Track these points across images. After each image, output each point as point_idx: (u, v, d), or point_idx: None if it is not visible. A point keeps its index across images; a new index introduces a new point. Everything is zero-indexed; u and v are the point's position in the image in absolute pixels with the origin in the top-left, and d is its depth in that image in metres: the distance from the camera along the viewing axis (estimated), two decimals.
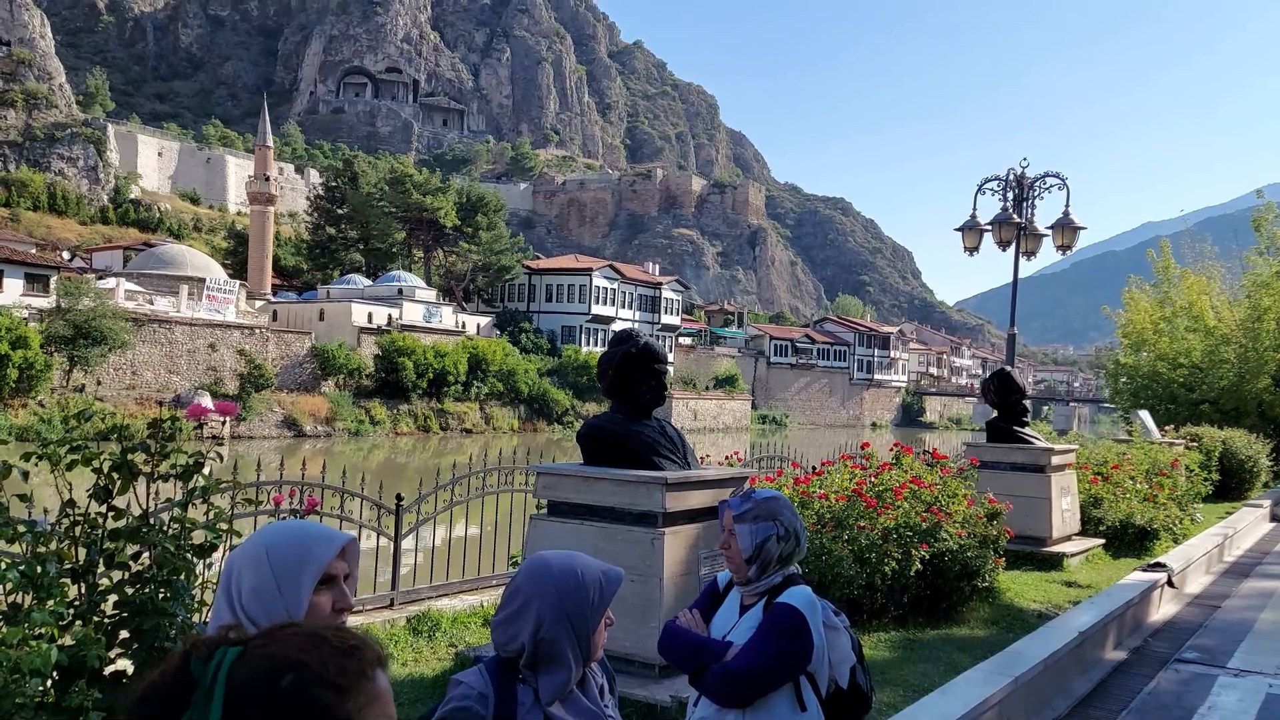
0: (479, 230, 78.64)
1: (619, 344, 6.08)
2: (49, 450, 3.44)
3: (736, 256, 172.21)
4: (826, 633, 2.99)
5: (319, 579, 1.96)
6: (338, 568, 1.99)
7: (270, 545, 2.00)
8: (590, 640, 2.30)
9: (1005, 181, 15.13)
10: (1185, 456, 16.25)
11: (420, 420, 59.13)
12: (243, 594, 1.96)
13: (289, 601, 1.92)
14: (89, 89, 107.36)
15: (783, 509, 3.14)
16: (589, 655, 2.32)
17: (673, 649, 3.17)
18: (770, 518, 3.09)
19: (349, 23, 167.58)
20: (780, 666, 2.93)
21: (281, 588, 1.93)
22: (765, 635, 2.97)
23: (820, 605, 3.03)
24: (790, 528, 3.11)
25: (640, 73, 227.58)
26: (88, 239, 75.84)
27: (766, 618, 3.01)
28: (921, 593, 8.18)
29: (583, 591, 2.30)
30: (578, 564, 2.36)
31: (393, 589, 8.17)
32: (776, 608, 3.01)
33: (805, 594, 3.03)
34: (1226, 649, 8.43)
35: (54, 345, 42.96)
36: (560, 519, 6.15)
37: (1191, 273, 27.89)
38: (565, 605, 2.29)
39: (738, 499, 3.18)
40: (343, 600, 1.99)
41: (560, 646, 2.28)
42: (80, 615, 3.30)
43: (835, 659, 3.01)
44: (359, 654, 1.35)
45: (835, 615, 3.08)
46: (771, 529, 3.08)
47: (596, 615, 2.30)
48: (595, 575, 2.33)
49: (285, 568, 1.95)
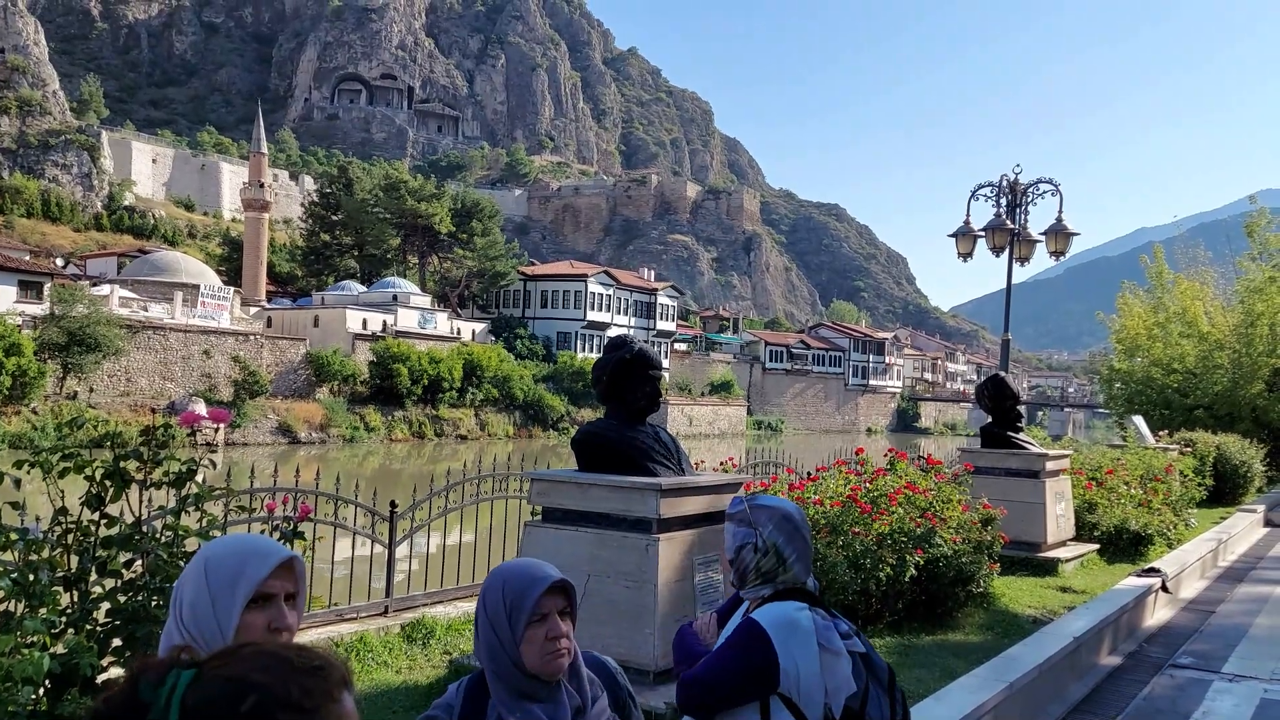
0: (474, 236, 78.63)
1: (614, 350, 6.07)
2: (41, 458, 3.43)
3: (731, 262, 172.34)
4: (824, 657, 2.76)
5: (250, 597, 1.87)
6: (274, 586, 1.90)
7: (209, 559, 1.93)
8: (519, 650, 2.19)
9: (999, 187, 15.16)
10: (1179, 462, 16.26)
11: (415, 427, 59.04)
12: (183, 610, 1.90)
13: (220, 620, 1.85)
14: (83, 96, 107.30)
15: (767, 521, 2.95)
16: (523, 667, 2.20)
17: (674, 650, 3.17)
18: (750, 525, 2.95)
19: (343, 29, 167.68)
20: (732, 684, 2.79)
21: (215, 604, 1.86)
22: (723, 648, 2.87)
23: (827, 625, 2.82)
24: (770, 543, 2.91)
25: (635, 79, 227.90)
26: (82, 246, 75.70)
27: (733, 631, 2.90)
28: (916, 598, 8.18)
29: (498, 598, 2.24)
30: (505, 571, 2.29)
31: (387, 596, 8.14)
32: (744, 622, 2.88)
33: (781, 612, 2.83)
34: (1221, 654, 8.44)
35: (48, 352, 42.84)
36: (555, 525, 6.14)
37: (1185, 278, 27.96)
38: (489, 613, 2.25)
39: (739, 498, 3.08)
40: (279, 620, 1.89)
41: (495, 657, 2.23)
42: (73, 623, 3.29)
43: (831, 686, 2.77)
44: (324, 675, 1.28)
45: (844, 639, 2.83)
46: (749, 537, 2.94)
47: (515, 623, 2.20)
48: (519, 579, 2.24)
49: (219, 584, 1.87)
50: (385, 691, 6.00)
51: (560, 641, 2.21)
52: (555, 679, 2.23)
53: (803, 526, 3.00)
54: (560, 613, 2.24)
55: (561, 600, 2.25)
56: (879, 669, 2.91)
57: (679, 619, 5.83)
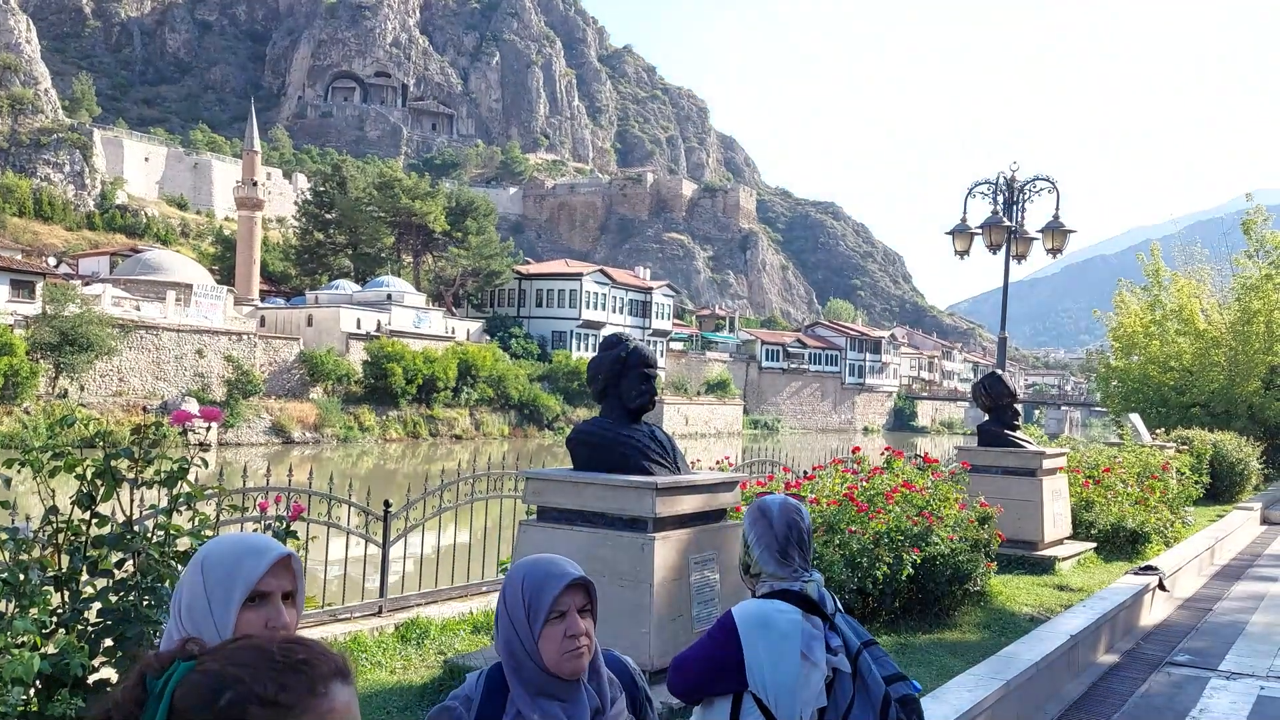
0: (468, 235, 78.52)
1: (609, 349, 6.05)
2: (31, 457, 3.40)
3: (727, 260, 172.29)
4: (804, 666, 2.73)
5: (247, 596, 1.87)
6: (270, 584, 1.89)
7: (206, 559, 1.93)
8: (537, 647, 2.18)
9: (995, 185, 15.15)
10: (1176, 460, 16.28)
11: (409, 426, 58.96)
12: (182, 611, 1.90)
13: (218, 619, 1.85)
14: (75, 94, 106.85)
15: (747, 515, 3.01)
16: (541, 664, 2.19)
17: None
18: (747, 521, 3.02)
19: (337, 27, 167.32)
20: (698, 670, 2.81)
21: (212, 604, 1.87)
22: (700, 638, 2.92)
23: (814, 635, 2.78)
24: (744, 535, 2.98)
25: (630, 77, 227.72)
26: (74, 245, 75.53)
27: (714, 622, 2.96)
28: (913, 597, 8.16)
29: (517, 593, 2.22)
30: (525, 567, 2.27)
31: (381, 596, 8.10)
32: (722, 615, 2.92)
33: (757, 608, 2.83)
34: (1218, 652, 8.44)
35: (40, 352, 42.75)
36: (550, 525, 6.12)
37: (1182, 276, 27.99)
38: (509, 609, 2.24)
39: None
40: (277, 619, 1.89)
41: (514, 654, 2.21)
42: (63, 623, 3.26)
43: (803, 696, 2.73)
44: (307, 669, 1.28)
45: (832, 654, 2.78)
46: (747, 532, 3.01)
47: (534, 620, 2.18)
48: (538, 575, 2.22)
49: (216, 584, 1.88)
50: (379, 692, 5.97)
51: (580, 640, 2.18)
52: (574, 678, 2.20)
53: (774, 515, 2.97)
54: (581, 610, 2.21)
55: (582, 598, 2.22)
56: (874, 693, 2.80)
57: (675, 618, 5.81)
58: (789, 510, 3.00)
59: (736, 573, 6.43)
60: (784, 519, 2.97)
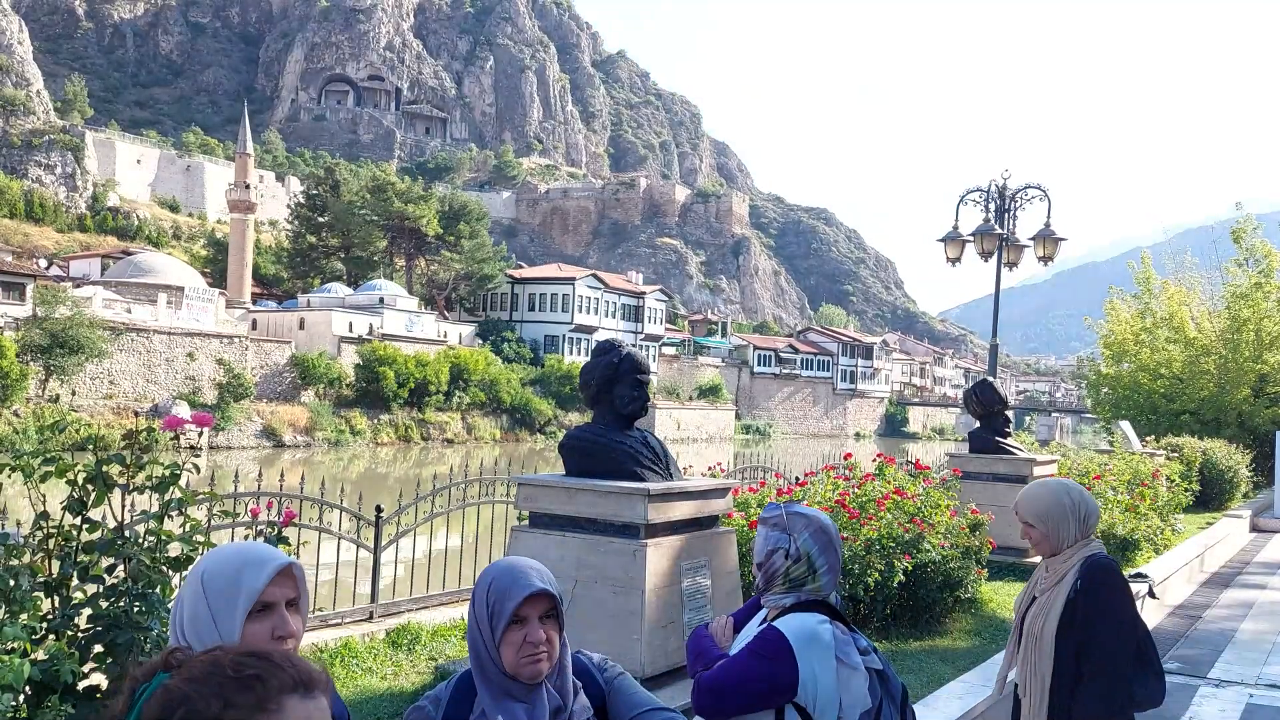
0: (461, 239, 78.48)
1: (602, 354, 6.06)
2: (22, 462, 3.39)
3: (720, 266, 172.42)
4: (841, 672, 2.77)
5: (252, 607, 1.87)
6: (274, 594, 1.90)
7: (206, 571, 1.92)
8: (498, 651, 2.21)
9: (987, 193, 15.20)
10: (1166, 467, 16.33)
11: (401, 430, 58.86)
12: (184, 625, 1.89)
13: (224, 631, 1.84)
14: (67, 95, 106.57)
15: (803, 529, 2.96)
16: (501, 667, 2.22)
17: (689, 652, 3.20)
18: (785, 530, 2.96)
19: (331, 30, 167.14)
20: (749, 690, 2.80)
21: (216, 617, 1.86)
22: (743, 655, 2.88)
23: (845, 640, 2.83)
24: (804, 551, 2.93)
25: (624, 82, 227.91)
26: (65, 247, 75.27)
27: (754, 638, 2.91)
28: (904, 604, 8.17)
29: (483, 598, 2.25)
30: (495, 571, 2.30)
31: (372, 602, 8.09)
32: (765, 630, 2.89)
33: (803, 623, 2.85)
34: (1208, 659, 8.47)
35: (30, 354, 42.56)
36: (542, 530, 6.11)
37: (1172, 284, 28.10)
38: (476, 612, 2.27)
39: (775, 503, 3.10)
40: (283, 628, 1.89)
41: (479, 656, 2.25)
42: (53, 629, 3.25)
43: (846, 701, 2.78)
44: (259, 684, 1.26)
45: (862, 655, 2.84)
46: (783, 542, 2.95)
47: (495, 625, 2.21)
48: (503, 581, 2.24)
49: (219, 596, 1.87)
50: (370, 698, 5.95)
51: (539, 648, 2.21)
52: (534, 682, 2.23)
53: (836, 540, 3.01)
54: (544, 616, 2.23)
55: (545, 605, 2.24)
56: (894, 686, 2.92)
57: (666, 624, 5.81)
58: (835, 529, 3.05)
59: (728, 579, 6.44)
60: (837, 537, 3.02)
